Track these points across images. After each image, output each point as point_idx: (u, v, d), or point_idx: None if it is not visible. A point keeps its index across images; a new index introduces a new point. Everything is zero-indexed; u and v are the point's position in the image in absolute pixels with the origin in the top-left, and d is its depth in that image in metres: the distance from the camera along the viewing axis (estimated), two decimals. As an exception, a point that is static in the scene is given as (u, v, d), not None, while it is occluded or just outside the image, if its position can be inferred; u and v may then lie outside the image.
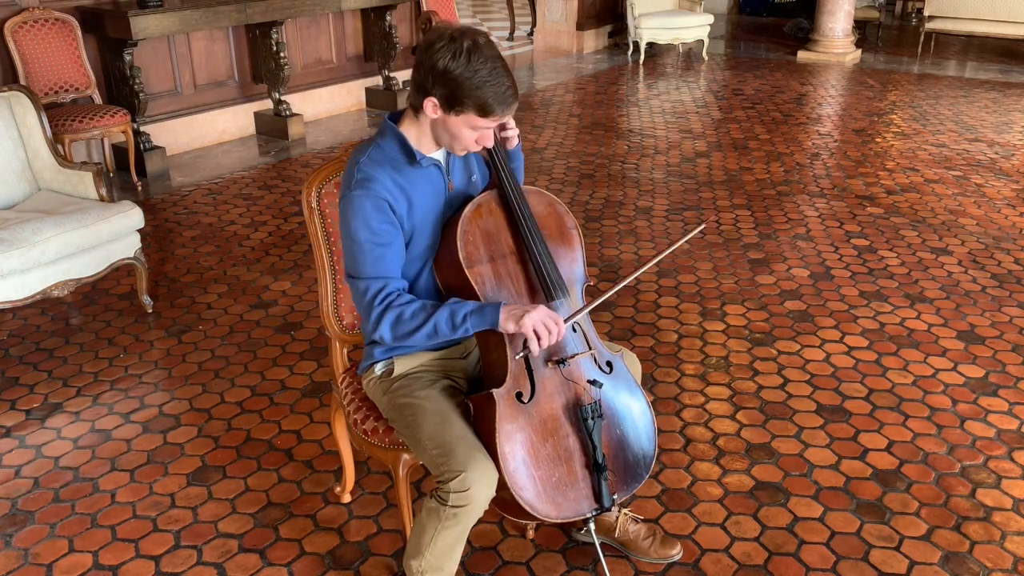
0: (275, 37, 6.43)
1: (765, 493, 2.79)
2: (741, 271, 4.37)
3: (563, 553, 2.52)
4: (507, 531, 2.60)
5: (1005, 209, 5.18)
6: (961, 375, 3.45)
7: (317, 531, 2.63)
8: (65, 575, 2.46)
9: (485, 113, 1.94)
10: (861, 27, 10.68)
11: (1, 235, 3.42)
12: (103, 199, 3.94)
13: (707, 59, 9.70)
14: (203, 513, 2.70)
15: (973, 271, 4.36)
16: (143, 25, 5.44)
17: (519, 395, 2.04)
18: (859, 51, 9.86)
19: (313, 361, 3.56)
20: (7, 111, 3.93)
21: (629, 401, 2.20)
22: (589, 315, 2.21)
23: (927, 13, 9.95)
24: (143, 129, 5.85)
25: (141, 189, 5.61)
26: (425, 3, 7.58)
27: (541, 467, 2.04)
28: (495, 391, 2.02)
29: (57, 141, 4.95)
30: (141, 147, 5.75)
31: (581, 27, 10.12)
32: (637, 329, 3.80)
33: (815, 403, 3.27)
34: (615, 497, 2.14)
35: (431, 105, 1.97)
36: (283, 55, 6.44)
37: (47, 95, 5.37)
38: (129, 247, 3.86)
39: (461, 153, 2.11)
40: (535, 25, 10.51)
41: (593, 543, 2.30)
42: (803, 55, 9.73)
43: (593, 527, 2.21)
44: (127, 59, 5.62)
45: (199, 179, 5.80)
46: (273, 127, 6.75)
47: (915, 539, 2.58)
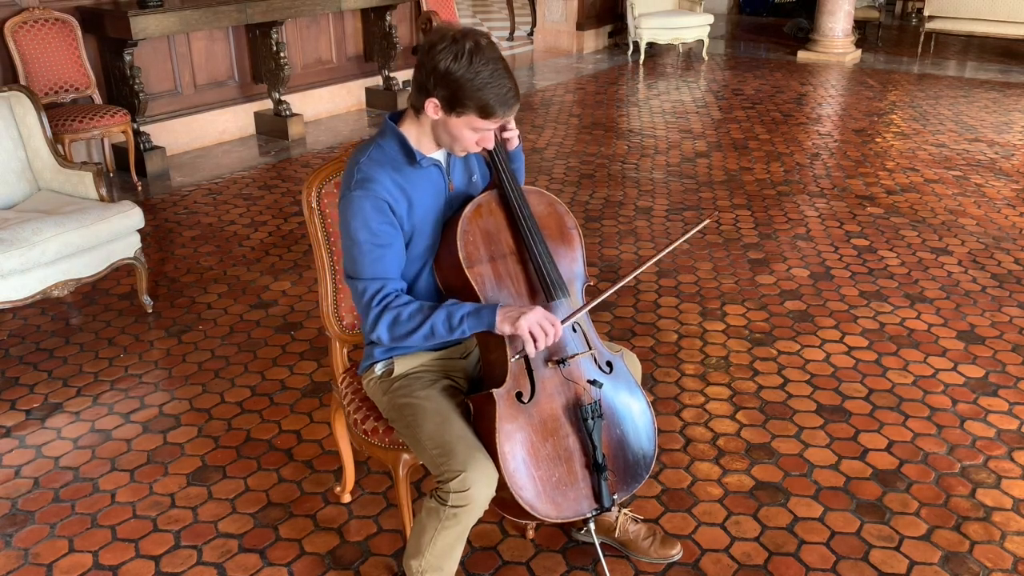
0: (275, 37, 6.43)
1: (765, 493, 2.79)
2: (741, 271, 4.37)
3: (563, 553, 2.52)
4: (507, 531, 2.60)
5: (1005, 209, 5.18)
6: (961, 375, 3.45)
7: (317, 531, 2.63)
8: (65, 575, 2.46)
9: (486, 115, 1.94)
10: (861, 27, 10.68)
11: (1, 235, 3.42)
12: (103, 199, 3.94)
13: (707, 59, 9.70)
14: (203, 513, 2.70)
15: (973, 271, 4.36)
16: (143, 25, 5.44)
17: (519, 395, 2.05)
18: (859, 51, 9.86)
19: (313, 361, 3.56)
20: (7, 111, 3.93)
21: (629, 401, 2.20)
22: (589, 315, 2.21)
23: (927, 13, 9.95)
24: (143, 129, 5.85)
25: (141, 189, 5.61)
26: (425, 3, 7.58)
27: (541, 467, 2.04)
28: (495, 391, 2.02)
29: (57, 141, 4.95)
30: (141, 147, 5.75)
31: (581, 27, 10.12)
32: (637, 329, 3.80)
33: (815, 403, 3.27)
34: (615, 497, 2.14)
35: (432, 106, 1.97)
36: (283, 55, 6.44)
37: (47, 95, 5.37)
38: (129, 247, 3.86)
39: (461, 154, 2.11)
40: (535, 25, 10.51)
41: (593, 543, 2.30)
42: (803, 55, 9.73)
43: (593, 527, 2.21)
44: (127, 59, 5.62)
45: (199, 179, 5.80)
46: (273, 127, 6.75)
47: (915, 539, 2.58)
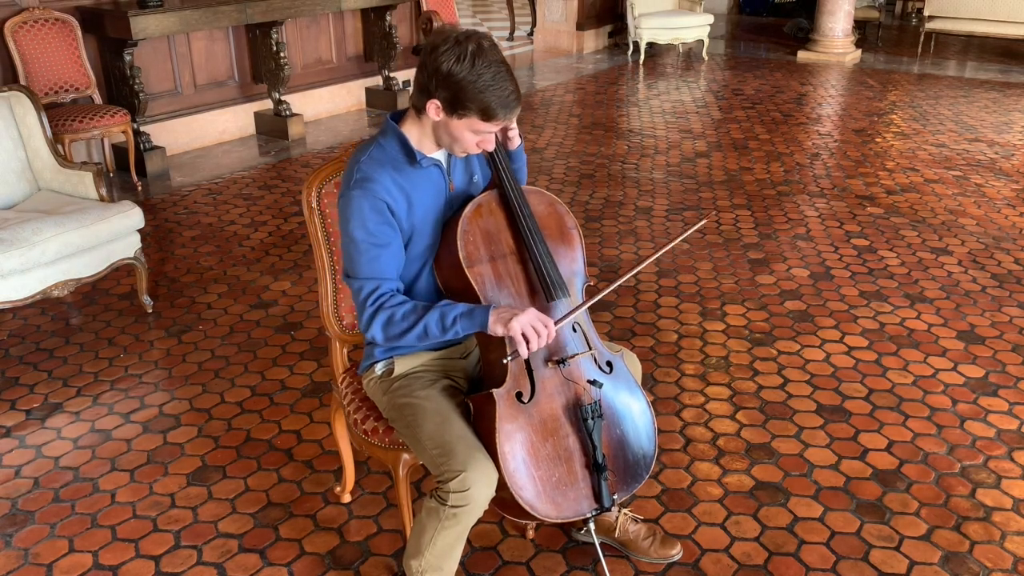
0: (275, 37, 6.43)
1: (765, 493, 2.79)
2: (741, 271, 4.37)
3: (563, 553, 2.52)
4: (507, 531, 2.60)
5: (1005, 209, 5.18)
6: (961, 375, 3.45)
7: (317, 531, 2.63)
8: (65, 575, 2.46)
9: (488, 117, 1.94)
10: (861, 27, 10.68)
11: (1, 235, 3.42)
12: (103, 199, 3.94)
13: (707, 59, 9.70)
14: (203, 513, 2.70)
15: (973, 271, 4.36)
16: (143, 25, 5.44)
17: (519, 395, 2.04)
18: (859, 51, 9.86)
19: (313, 361, 3.56)
20: (7, 111, 3.93)
21: (629, 401, 2.20)
22: (589, 315, 2.21)
23: (927, 13, 9.95)
24: (143, 129, 5.85)
25: (141, 189, 5.61)
26: (425, 3, 7.58)
27: (541, 467, 2.04)
28: (495, 391, 2.02)
29: (57, 141, 4.95)
30: (141, 147, 5.75)
31: (581, 27, 10.12)
32: (637, 329, 3.80)
33: (815, 403, 3.27)
34: (615, 497, 2.14)
35: (434, 107, 1.97)
36: (283, 55, 6.44)
37: (47, 95, 5.37)
38: (129, 247, 3.86)
39: (462, 155, 2.12)
40: (535, 25, 10.52)
41: (593, 543, 2.30)
42: (803, 55, 9.73)
43: (593, 527, 2.21)
44: (127, 59, 5.62)
45: (199, 179, 5.80)
46: (273, 127, 6.75)
47: (915, 539, 2.58)
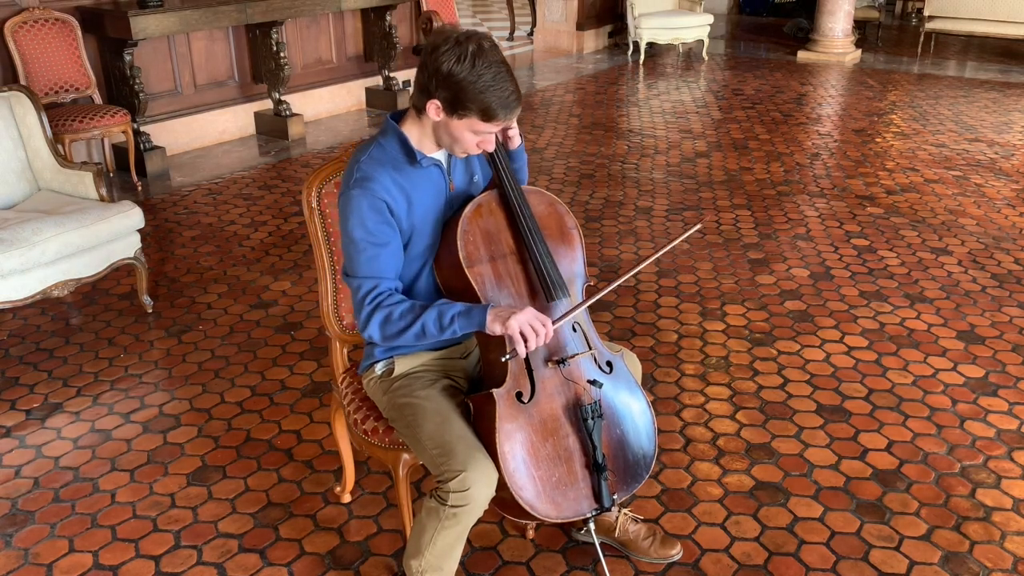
0: (275, 37, 6.43)
1: (765, 493, 2.79)
2: (741, 271, 4.37)
3: (563, 553, 2.52)
4: (507, 531, 2.60)
5: (1005, 209, 5.18)
6: (961, 375, 3.45)
7: (317, 531, 2.63)
8: (65, 575, 2.46)
9: (488, 118, 1.95)
10: (861, 27, 10.68)
11: (1, 235, 3.42)
12: (103, 199, 3.94)
13: (707, 59, 9.70)
14: (203, 513, 2.70)
15: (973, 271, 4.36)
16: (143, 25, 5.44)
17: (519, 395, 2.04)
18: (859, 51, 9.85)
19: (313, 361, 3.56)
20: (7, 111, 3.93)
21: (629, 401, 2.20)
22: (589, 315, 2.21)
23: (927, 13, 9.95)
24: (143, 129, 5.85)
25: (141, 189, 5.61)
26: (425, 3, 7.58)
27: (541, 467, 2.04)
28: (495, 391, 2.02)
29: (57, 141, 4.95)
30: (141, 147, 5.75)
31: (581, 27, 10.12)
32: (637, 329, 3.80)
33: (815, 403, 3.27)
34: (615, 497, 2.14)
35: (434, 108, 1.97)
36: (283, 55, 6.44)
37: (47, 95, 5.37)
38: (129, 247, 3.86)
39: (462, 155, 2.12)
40: (535, 25, 10.52)
41: (593, 543, 2.30)
42: (803, 55, 9.73)
43: (593, 527, 2.21)
44: (127, 59, 5.62)
45: (199, 179, 5.80)
46: (273, 127, 6.75)
47: (915, 539, 2.58)
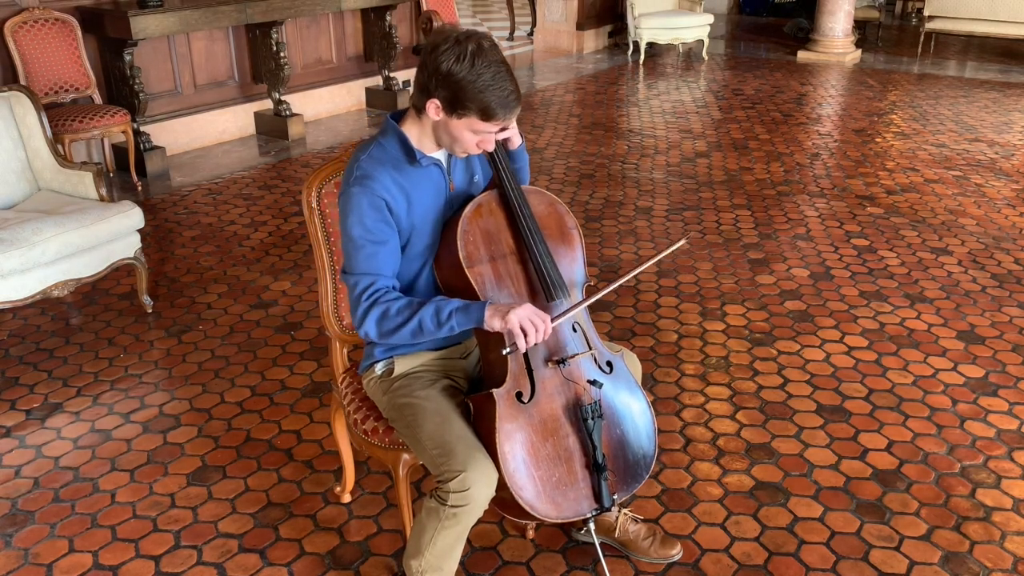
0: (275, 37, 6.43)
1: (765, 493, 2.79)
2: (741, 271, 4.37)
3: (563, 553, 2.52)
4: (507, 531, 2.60)
5: (1005, 209, 5.18)
6: (961, 375, 3.45)
7: (317, 531, 2.63)
8: (65, 575, 2.46)
9: (487, 117, 1.95)
10: (861, 27, 10.68)
11: (1, 235, 3.42)
12: (103, 199, 3.94)
13: (707, 59, 9.70)
14: (203, 513, 2.70)
15: (973, 271, 4.36)
16: (143, 25, 5.44)
17: (519, 395, 2.04)
18: (859, 51, 9.85)
19: (313, 361, 3.56)
20: (7, 111, 3.93)
21: (629, 401, 2.20)
22: (589, 315, 2.21)
23: (927, 13, 9.95)
24: (143, 129, 5.85)
25: (141, 189, 5.61)
26: (425, 3, 7.58)
27: (541, 467, 2.04)
28: (495, 391, 2.02)
29: (57, 141, 4.95)
30: (141, 147, 5.75)
31: (581, 27, 10.12)
32: (637, 329, 3.80)
33: (815, 403, 3.27)
34: (615, 497, 2.14)
35: (433, 107, 1.97)
36: (283, 55, 6.44)
37: (47, 95, 5.37)
38: (129, 247, 3.86)
39: (462, 155, 2.12)
40: (535, 25, 10.51)
41: (593, 543, 2.30)
42: (803, 55, 9.73)
43: (593, 527, 2.21)
44: (127, 59, 5.62)
45: (199, 179, 5.80)
46: (273, 127, 6.75)
47: (915, 539, 2.58)
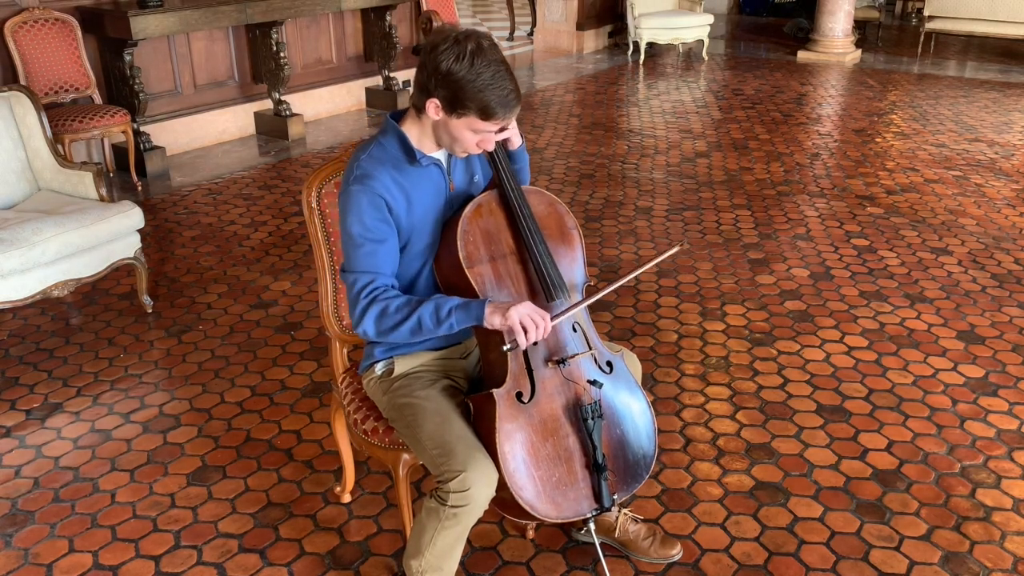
0: (275, 37, 6.43)
1: (765, 493, 2.79)
2: (741, 271, 4.37)
3: (563, 553, 2.52)
4: (507, 531, 2.60)
5: (1005, 209, 5.18)
6: (961, 375, 3.45)
7: (317, 531, 2.63)
8: (65, 575, 2.46)
9: (487, 116, 1.95)
10: (861, 27, 10.68)
11: (1, 235, 3.42)
12: (103, 199, 3.94)
13: (707, 59, 9.70)
14: (203, 513, 2.70)
15: (973, 271, 4.36)
16: (143, 25, 5.44)
17: (519, 395, 2.04)
18: (859, 51, 9.85)
19: (313, 361, 3.56)
20: (7, 111, 3.93)
21: (629, 401, 2.20)
22: (589, 315, 2.21)
23: (927, 13, 9.95)
24: (143, 129, 5.85)
25: (141, 189, 5.61)
26: (425, 3, 7.58)
27: (541, 467, 2.04)
28: (495, 391, 2.02)
29: (57, 141, 4.95)
30: (141, 147, 5.75)
31: (581, 27, 10.12)
32: (637, 329, 3.80)
33: (815, 403, 3.27)
34: (615, 497, 2.14)
35: (433, 106, 1.97)
36: (283, 55, 6.44)
37: (47, 95, 5.37)
38: (129, 247, 3.86)
39: (462, 155, 2.12)
40: (535, 25, 10.51)
41: (593, 543, 2.30)
42: (803, 55, 9.73)
43: (593, 527, 2.21)
44: (127, 59, 5.62)
45: (199, 179, 5.80)
46: (273, 127, 6.75)
47: (915, 539, 2.58)
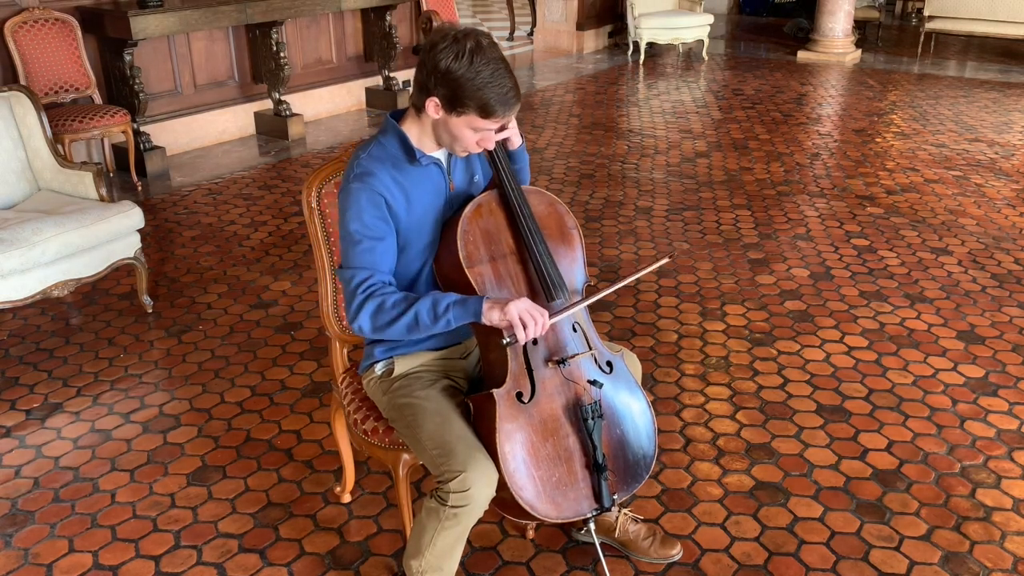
0: (275, 37, 6.43)
1: (765, 493, 2.79)
2: (741, 271, 4.37)
3: (563, 553, 2.52)
4: (507, 531, 2.60)
5: (1005, 209, 5.18)
6: (961, 375, 3.45)
7: (317, 531, 2.63)
8: (65, 575, 2.46)
9: (486, 114, 1.95)
10: (861, 27, 10.68)
11: (1, 235, 3.42)
12: (103, 199, 3.94)
13: (707, 59, 9.70)
14: (203, 513, 2.70)
15: (973, 271, 4.36)
16: (143, 25, 5.44)
17: (519, 395, 2.04)
18: (859, 51, 9.86)
19: (313, 361, 3.56)
20: (7, 111, 3.93)
21: (629, 401, 2.20)
22: (589, 315, 2.21)
23: (927, 13, 9.95)
24: (143, 129, 5.85)
25: (141, 189, 5.61)
26: (425, 3, 7.58)
27: (541, 467, 2.04)
28: (495, 391, 2.02)
29: (57, 141, 4.95)
30: (141, 147, 5.75)
31: (581, 27, 10.12)
32: (637, 329, 3.80)
33: (815, 403, 3.27)
34: (615, 497, 2.13)
35: (433, 105, 1.97)
36: (283, 55, 6.44)
37: (47, 95, 5.37)
38: (129, 247, 3.86)
39: (462, 154, 2.12)
40: (535, 25, 10.51)
41: (593, 543, 2.30)
42: (803, 55, 9.73)
43: (593, 527, 2.21)
44: (127, 59, 5.62)
45: (199, 179, 5.80)
46: (273, 127, 6.75)
47: (915, 539, 2.58)
